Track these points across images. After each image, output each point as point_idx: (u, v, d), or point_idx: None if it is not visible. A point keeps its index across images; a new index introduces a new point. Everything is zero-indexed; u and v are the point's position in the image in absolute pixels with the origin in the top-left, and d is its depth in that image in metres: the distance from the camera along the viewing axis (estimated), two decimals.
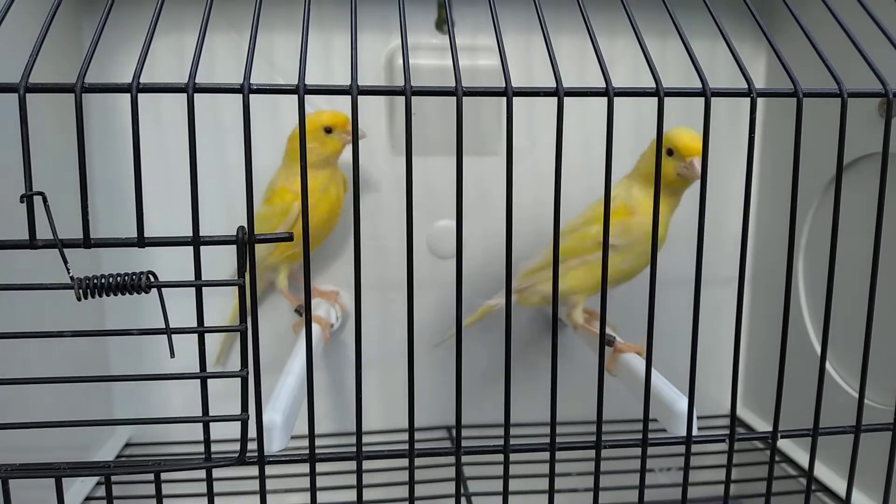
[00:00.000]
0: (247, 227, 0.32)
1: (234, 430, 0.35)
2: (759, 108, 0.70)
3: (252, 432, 0.35)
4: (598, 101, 0.33)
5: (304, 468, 0.36)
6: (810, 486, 0.42)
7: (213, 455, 0.35)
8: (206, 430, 0.35)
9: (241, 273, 0.32)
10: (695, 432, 0.40)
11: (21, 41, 0.42)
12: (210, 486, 0.36)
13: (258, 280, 0.61)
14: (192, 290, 0.33)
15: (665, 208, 0.53)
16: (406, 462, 0.37)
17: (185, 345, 0.33)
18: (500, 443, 0.38)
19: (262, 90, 0.32)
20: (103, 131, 0.62)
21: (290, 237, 0.32)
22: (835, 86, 0.36)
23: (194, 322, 0.33)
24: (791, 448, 0.66)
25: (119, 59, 0.62)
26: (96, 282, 0.30)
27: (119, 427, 0.67)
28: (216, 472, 0.36)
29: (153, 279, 0.31)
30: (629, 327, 0.61)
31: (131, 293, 0.31)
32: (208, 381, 0.34)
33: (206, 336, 0.34)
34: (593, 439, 0.39)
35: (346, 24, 0.64)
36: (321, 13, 0.64)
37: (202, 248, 0.32)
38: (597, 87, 0.34)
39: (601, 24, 0.62)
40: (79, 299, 0.30)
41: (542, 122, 0.68)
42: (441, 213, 0.68)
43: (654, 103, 0.34)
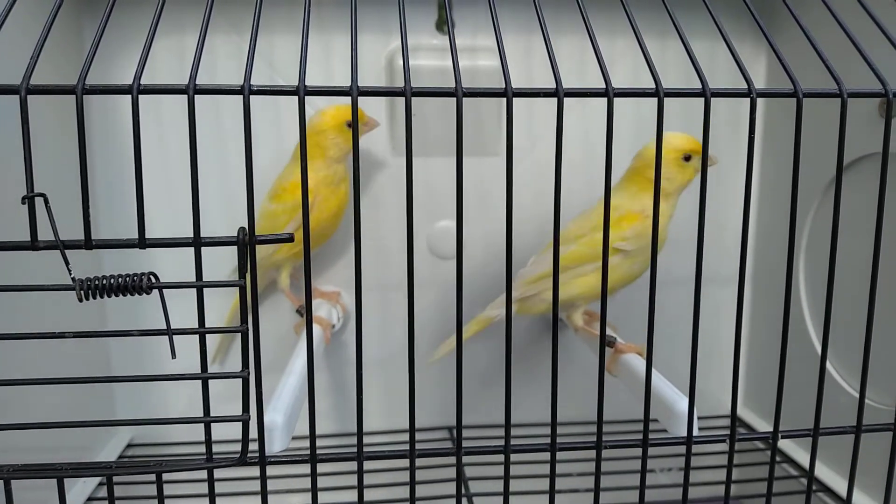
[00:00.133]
0: (247, 227, 0.32)
1: (236, 431, 0.35)
2: (759, 109, 0.70)
3: (253, 433, 0.35)
4: (598, 101, 0.34)
5: (306, 469, 0.36)
6: (811, 487, 0.42)
7: (214, 456, 0.35)
8: (208, 431, 0.35)
9: (242, 274, 0.32)
10: (695, 432, 0.40)
11: (22, 43, 0.42)
12: (211, 487, 0.36)
13: (261, 279, 0.61)
14: (193, 290, 0.33)
15: (671, 211, 0.55)
16: (407, 462, 0.37)
17: (186, 345, 0.34)
18: (501, 443, 0.38)
19: (263, 91, 0.32)
20: (104, 133, 0.63)
21: (291, 238, 0.32)
22: (835, 86, 0.36)
23: (195, 322, 0.33)
24: (792, 448, 0.66)
25: (120, 60, 0.62)
26: (97, 283, 0.30)
27: (121, 428, 0.67)
28: (217, 473, 0.36)
29: (154, 280, 0.31)
30: (629, 328, 0.61)
31: (132, 294, 0.31)
32: (209, 382, 0.34)
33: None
34: (594, 440, 0.39)
35: (346, 26, 0.65)
36: (321, 14, 0.64)
37: (203, 248, 0.32)
38: (597, 87, 0.34)
39: (601, 25, 0.62)
40: (80, 300, 0.30)
41: (543, 123, 0.68)
42: (441, 214, 0.68)
43: (653, 104, 0.34)
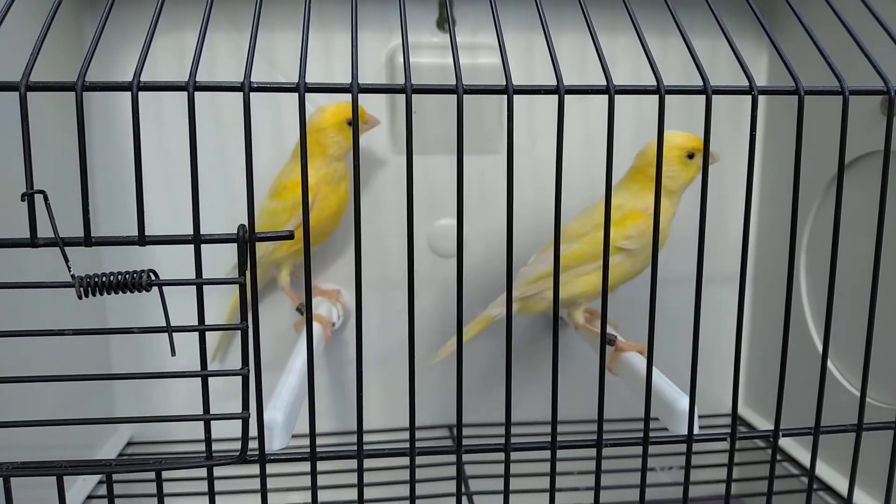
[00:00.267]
0: (247, 225, 0.32)
1: (236, 429, 0.35)
2: (760, 107, 0.69)
3: (253, 431, 0.35)
4: (599, 99, 0.33)
5: (305, 467, 0.36)
6: (812, 485, 0.42)
7: (214, 454, 0.35)
8: (207, 429, 0.35)
9: (242, 271, 0.32)
10: (696, 431, 0.40)
11: (22, 40, 0.42)
12: (211, 485, 0.36)
13: (261, 276, 0.61)
14: (193, 287, 0.33)
15: (673, 209, 0.55)
16: (407, 461, 0.37)
17: (186, 343, 0.33)
18: (502, 441, 0.38)
19: (263, 88, 0.32)
20: (104, 130, 0.62)
21: (291, 235, 0.32)
22: (836, 83, 0.36)
23: (195, 320, 0.33)
24: (793, 447, 0.66)
25: (120, 58, 0.62)
26: (97, 280, 0.30)
27: (121, 426, 0.67)
28: (217, 471, 0.36)
29: (154, 277, 0.31)
30: (630, 326, 0.60)
31: (132, 291, 0.31)
32: (209, 380, 0.34)
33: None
34: (594, 438, 0.39)
35: (346, 23, 0.64)
36: (322, 12, 0.64)
37: (203, 246, 0.32)
38: (598, 84, 0.34)
39: (602, 22, 0.62)
40: (80, 297, 0.30)
41: (543, 121, 0.68)
42: (442, 212, 0.68)
43: (655, 101, 0.34)
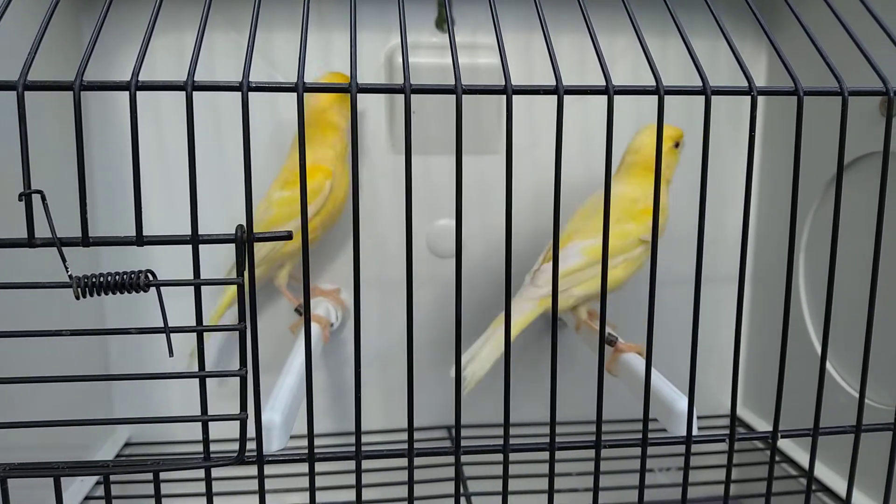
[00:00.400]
0: (245, 225, 0.32)
1: (234, 430, 0.35)
2: (759, 107, 0.69)
3: (251, 432, 0.35)
4: (598, 99, 0.33)
5: (303, 468, 0.36)
6: (811, 487, 0.42)
7: (211, 455, 0.35)
8: (205, 430, 0.35)
9: (240, 272, 0.32)
10: (695, 432, 0.40)
11: (20, 40, 0.42)
12: (209, 486, 0.36)
13: (265, 275, 0.61)
14: (191, 288, 0.32)
15: (668, 199, 0.57)
16: (405, 462, 0.37)
17: (183, 344, 0.33)
18: (500, 442, 0.38)
19: (262, 88, 0.32)
20: (103, 130, 0.62)
21: (290, 236, 0.32)
22: (836, 84, 0.36)
23: (192, 320, 0.33)
24: (791, 448, 0.66)
25: (118, 58, 0.62)
26: (95, 280, 0.30)
27: (118, 426, 0.67)
28: (215, 472, 0.36)
29: (152, 278, 0.31)
30: (629, 327, 0.60)
31: (130, 292, 0.31)
32: (207, 381, 0.34)
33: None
34: (593, 439, 0.39)
35: (345, 23, 0.64)
36: (321, 11, 0.64)
37: (201, 246, 0.32)
38: (597, 85, 0.34)
39: (601, 23, 0.62)
40: (77, 298, 0.30)
41: (542, 121, 0.68)
42: (441, 212, 0.68)
43: (654, 101, 0.34)
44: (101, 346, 0.65)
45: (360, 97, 0.32)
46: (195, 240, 0.31)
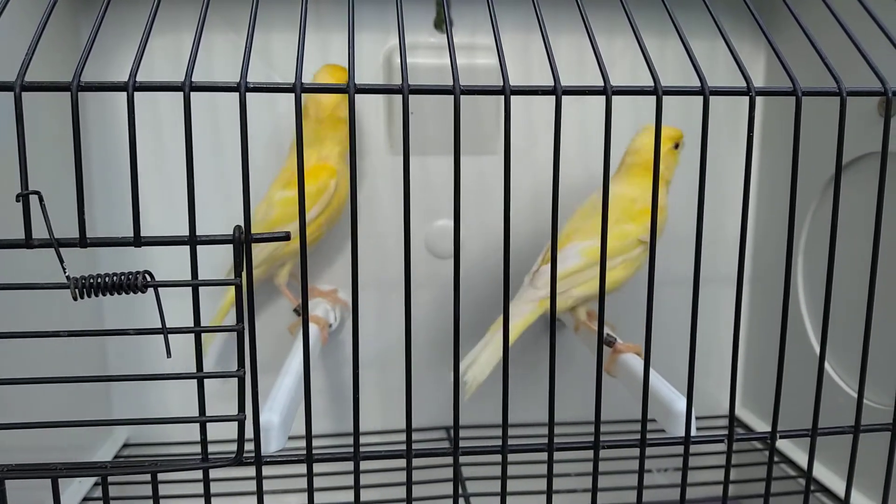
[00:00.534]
0: (243, 225, 0.32)
1: (232, 431, 0.35)
2: (758, 108, 0.69)
3: (249, 433, 0.35)
4: (596, 99, 0.33)
5: (302, 469, 0.36)
6: (809, 487, 0.42)
7: (210, 455, 0.35)
8: (203, 431, 0.35)
9: (238, 272, 0.32)
10: (693, 432, 0.40)
11: (17, 41, 0.42)
12: (207, 487, 0.36)
13: (265, 275, 0.60)
14: (189, 289, 0.32)
15: (667, 199, 0.57)
16: (404, 463, 0.37)
17: (182, 345, 0.33)
18: (499, 443, 0.38)
19: (259, 89, 0.32)
20: (101, 131, 0.62)
21: (288, 236, 0.32)
22: (834, 85, 0.36)
23: (191, 321, 0.33)
24: (790, 448, 0.66)
25: (116, 58, 0.62)
26: (92, 281, 0.30)
27: (117, 427, 0.67)
28: (213, 473, 0.36)
29: (149, 279, 0.31)
30: (628, 327, 0.60)
31: (127, 293, 0.31)
32: (205, 381, 0.34)
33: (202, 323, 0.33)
34: (591, 439, 0.39)
35: (343, 23, 0.64)
36: (319, 12, 0.64)
37: (199, 247, 0.32)
38: (595, 85, 0.34)
39: (600, 23, 0.62)
40: (75, 299, 0.30)
41: (541, 121, 0.68)
42: (439, 213, 0.68)
43: (652, 102, 0.34)
44: (99, 347, 0.65)
45: (359, 98, 0.32)
46: (193, 241, 0.31)
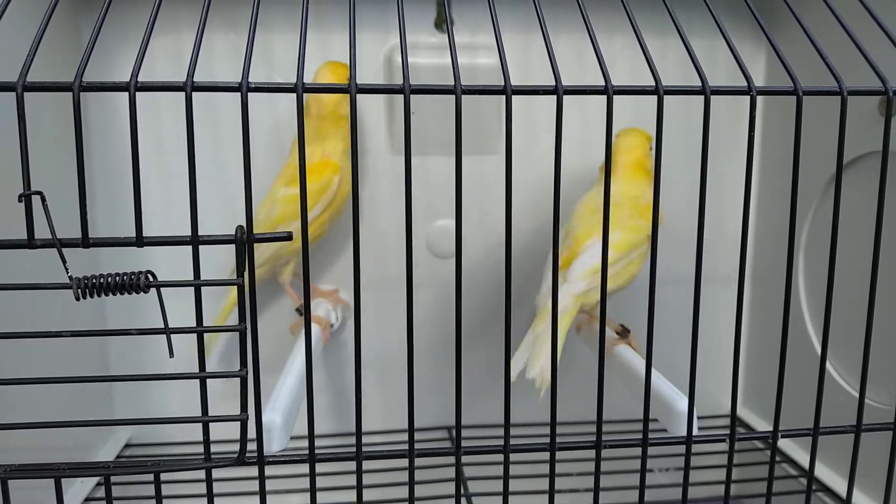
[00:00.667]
0: (245, 225, 0.32)
1: (234, 431, 0.35)
2: (758, 107, 0.69)
3: (252, 432, 0.35)
4: (597, 99, 0.33)
5: (304, 468, 0.36)
6: (811, 486, 0.42)
7: (212, 455, 0.35)
8: (206, 431, 0.35)
9: (241, 272, 0.32)
10: (695, 432, 0.40)
11: (18, 42, 0.42)
12: (210, 487, 0.36)
13: (269, 274, 0.60)
14: (191, 289, 0.32)
15: None
16: (406, 462, 0.37)
17: (184, 345, 0.33)
18: (501, 443, 0.38)
19: (261, 89, 0.32)
20: (102, 131, 0.62)
21: (290, 237, 0.32)
22: (835, 84, 0.36)
23: (193, 321, 0.33)
24: (791, 448, 0.66)
25: (117, 59, 0.62)
26: (95, 281, 0.30)
27: (119, 427, 0.67)
28: (216, 473, 0.36)
29: (152, 279, 0.31)
30: (630, 327, 0.60)
31: (130, 293, 0.31)
32: (208, 381, 0.34)
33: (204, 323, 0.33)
34: (593, 439, 0.39)
35: (344, 23, 0.64)
36: (319, 12, 0.64)
37: (201, 247, 0.32)
38: (596, 85, 0.34)
39: (600, 23, 0.62)
40: (77, 299, 0.30)
41: (541, 121, 0.68)
42: (440, 213, 0.68)
43: (652, 101, 0.34)
44: (101, 347, 0.65)
45: (360, 97, 0.32)
46: (195, 241, 0.31)
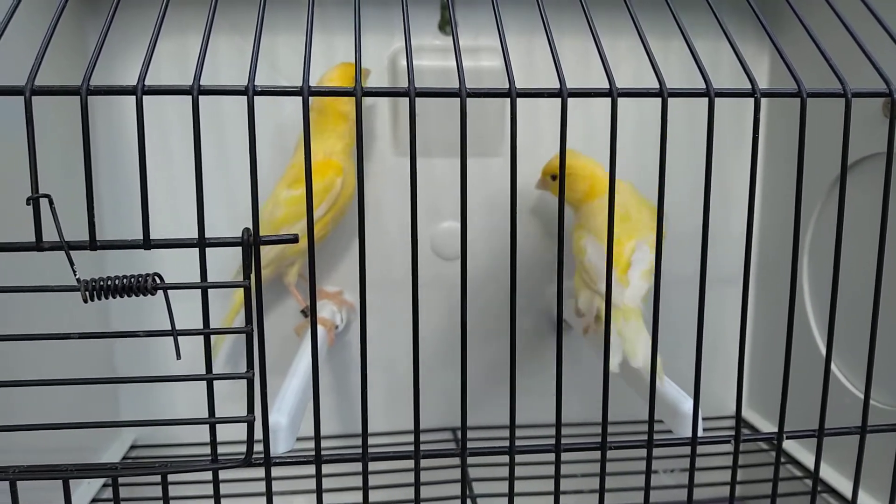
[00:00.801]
0: (252, 228, 0.32)
1: (241, 432, 0.35)
2: (762, 109, 0.69)
3: (258, 434, 0.35)
4: (601, 101, 0.33)
5: (310, 470, 0.36)
6: (816, 488, 0.42)
7: (219, 457, 0.35)
8: (213, 432, 0.35)
9: (247, 274, 0.32)
10: (700, 433, 0.40)
11: (25, 46, 0.43)
12: (216, 488, 0.36)
13: (274, 275, 0.60)
14: (198, 291, 0.33)
15: None
16: (412, 463, 0.37)
17: (190, 347, 0.33)
18: (506, 444, 0.38)
19: (266, 92, 0.32)
20: (109, 134, 0.63)
21: (296, 238, 0.32)
22: (839, 86, 0.36)
23: (199, 323, 0.33)
24: (796, 449, 0.65)
25: (123, 62, 0.62)
26: (102, 284, 0.30)
27: (124, 429, 0.67)
28: (222, 474, 0.36)
29: (159, 281, 0.31)
30: None
31: (137, 295, 0.31)
32: (214, 383, 0.34)
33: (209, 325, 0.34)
34: (599, 440, 0.39)
35: (349, 26, 0.64)
36: (324, 15, 0.64)
37: (207, 249, 0.32)
38: (600, 87, 0.34)
39: (604, 25, 0.61)
40: (85, 301, 0.30)
41: (545, 123, 0.68)
42: (445, 215, 0.68)
43: (656, 103, 0.34)
44: (106, 349, 0.65)
45: (364, 100, 0.33)
46: (202, 243, 0.32)
